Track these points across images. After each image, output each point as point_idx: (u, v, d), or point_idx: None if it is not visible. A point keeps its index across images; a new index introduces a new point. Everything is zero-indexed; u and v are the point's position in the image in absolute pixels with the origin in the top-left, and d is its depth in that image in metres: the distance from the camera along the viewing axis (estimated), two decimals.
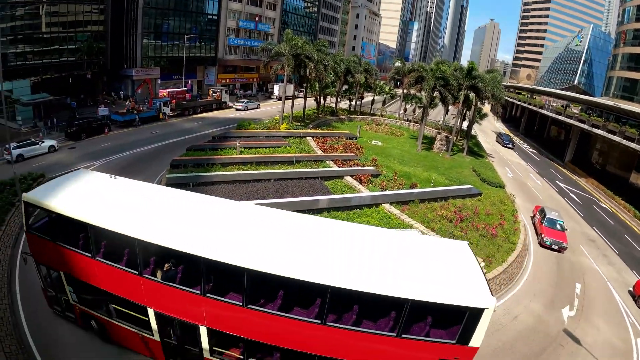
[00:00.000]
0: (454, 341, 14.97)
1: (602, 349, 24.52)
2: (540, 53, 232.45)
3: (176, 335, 17.28)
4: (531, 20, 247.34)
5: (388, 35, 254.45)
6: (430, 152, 61.63)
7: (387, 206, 34.47)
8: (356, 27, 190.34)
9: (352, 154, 50.10)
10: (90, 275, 17.71)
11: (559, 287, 31.02)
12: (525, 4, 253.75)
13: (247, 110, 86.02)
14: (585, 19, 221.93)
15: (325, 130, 64.14)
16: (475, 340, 14.84)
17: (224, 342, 16.81)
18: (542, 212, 41.57)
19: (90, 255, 17.14)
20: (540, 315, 26.82)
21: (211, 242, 15.72)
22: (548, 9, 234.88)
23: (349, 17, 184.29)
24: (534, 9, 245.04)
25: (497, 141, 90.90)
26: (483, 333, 14.76)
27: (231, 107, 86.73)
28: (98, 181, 20.50)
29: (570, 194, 57.80)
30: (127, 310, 17.71)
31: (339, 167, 44.34)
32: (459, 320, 14.79)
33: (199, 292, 15.63)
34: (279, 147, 50.17)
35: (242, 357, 16.53)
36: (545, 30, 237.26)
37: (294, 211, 25.33)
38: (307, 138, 56.32)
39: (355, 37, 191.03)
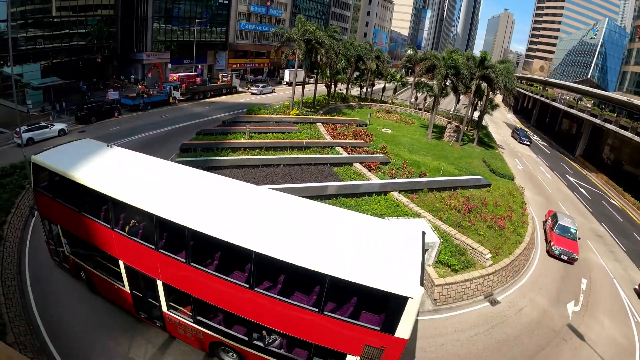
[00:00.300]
0: (378, 328, 14.57)
1: (605, 346, 24.46)
2: (554, 45, 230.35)
3: (141, 288, 18.61)
4: (546, 11, 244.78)
5: (400, 22, 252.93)
6: (441, 141, 61.38)
7: (395, 194, 34.38)
8: (368, 13, 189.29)
9: (362, 141, 49.93)
10: (78, 228, 19.72)
11: (564, 281, 30.93)
12: None
13: (263, 94, 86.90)
14: (601, 12, 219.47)
15: (336, 117, 63.93)
16: (402, 331, 14.20)
17: (178, 299, 17.92)
18: (554, 217, 38.30)
19: (77, 210, 19.03)
20: (545, 309, 26.78)
21: (164, 201, 16.96)
22: (564, 0, 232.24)
23: (361, 3, 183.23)
24: (549, 0, 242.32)
25: (512, 137, 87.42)
26: (410, 324, 14.05)
27: (241, 92, 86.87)
28: (96, 149, 22.07)
29: (580, 188, 57.46)
30: (105, 262, 19.44)
31: (349, 153, 44.22)
32: (383, 307, 14.55)
33: (153, 247, 16.87)
34: (289, 132, 50.14)
35: (191, 314, 17.49)
36: (560, 22, 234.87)
37: (303, 197, 25.66)
38: (317, 124, 56.17)
39: (367, 23, 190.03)
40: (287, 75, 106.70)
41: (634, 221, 48.43)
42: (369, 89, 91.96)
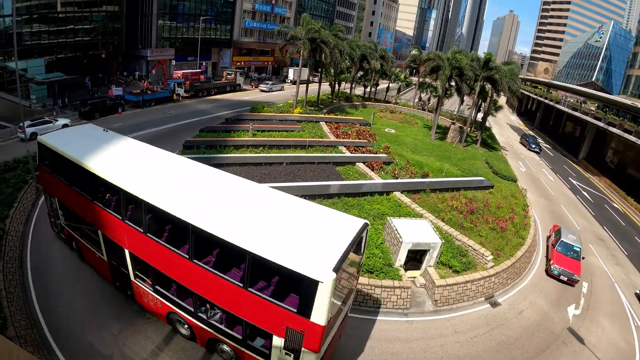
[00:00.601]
0: (295, 310, 14.68)
1: (605, 350, 24.43)
2: (559, 47, 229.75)
3: (115, 256, 20.44)
4: (551, 13, 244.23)
5: (405, 22, 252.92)
6: (444, 142, 61.34)
7: (398, 194, 34.40)
8: (373, 13, 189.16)
9: (365, 140, 49.95)
10: (69, 201, 22.30)
11: (565, 285, 30.85)
12: None
13: (272, 92, 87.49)
14: (606, 14, 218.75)
15: (339, 116, 63.97)
16: (316, 316, 14.20)
17: (142, 269, 19.42)
18: (558, 233, 35.31)
19: (68, 183, 21.43)
20: (546, 312, 26.75)
21: (128, 176, 18.95)
22: (569, 2, 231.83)
23: (367, 2, 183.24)
24: (554, 2, 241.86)
25: (521, 143, 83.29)
26: (324, 310, 13.99)
27: (245, 90, 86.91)
28: (94, 133, 24.56)
29: (583, 191, 57.35)
30: (90, 232, 21.69)
31: (352, 153, 44.26)
32: (300, 290, 14.64)
33: (121, 218, 18.73)
34: (292, 131, 50.19)
35: (151, 283, 19.10)
36: (565, 25, 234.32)
37: (305, 195, 27.96)
38: (321, 123, 56.24)
39: (372, 23, 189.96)
40: (291, 73, 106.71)
41: (636, 225, 48.33)
42: (373, 89, 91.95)
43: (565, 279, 30.71)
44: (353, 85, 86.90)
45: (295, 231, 15.94)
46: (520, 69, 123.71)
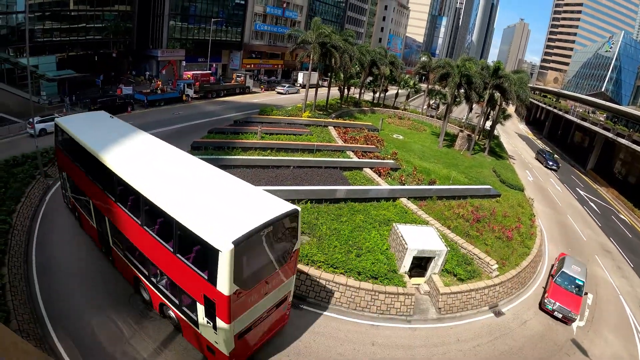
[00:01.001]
0: (207, 278, 15.34)
1: None
2: (569, 56, 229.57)
3: (100, 224, 23.08)
4: (562, 22, 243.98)
5: (416, 29, 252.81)
6: (452, 149, 61.26)
7: (404, 201, 34.38)
8: (384, 19, 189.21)
9: (373, 146, 49.91)
10: (72, 174, 25.52)
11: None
12: (557, 5, 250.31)
13: (289, 94, 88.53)
14: (617, 25, 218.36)
15: (348, 121, 63.95)
16: (221, 285, 14.70)
17: (118, 237, 21.48)
18: (562, 262, 31.87)
19: (72, 159, 24.66)
20: (550, 323, 26.68)
21: (108, 152, 21.22)
22: (580, 12, 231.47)
23: (377, 8, 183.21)
24: (565, 11, 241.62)
25: (537, 159, 79.10)
26: (226, 280, 14.51)
27: (255, 92, 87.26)
28: (100, 118, 28.07)
29: (590, 202, 57.19)
30: (86, 203, 24.41)
31: (359, 158, 44.27)
32: (208, 257, 15.12)
33: (102, 188, 21.33)
34: (300, 135, 50.25)
35: (122, 248, 21.47)
36: (575, 34, 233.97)
37: (312, 199, 30.60)
38: (329, 127, 56.26)
39: (382, 29, 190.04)
40: (300, 77, 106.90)
41: None
42: (381, 95, 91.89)
43: (560, 316, 26.93)
44: (362, 91, 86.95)
45: (220, 205, 17.08)
46: (530, 78, 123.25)
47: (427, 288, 25.84)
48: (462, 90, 61.48)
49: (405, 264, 25.01)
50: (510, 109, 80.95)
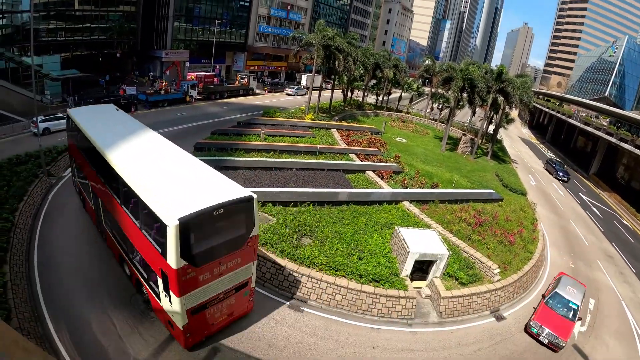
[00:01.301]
0: (160, 251, 16.47)
1: None
2: (572, 61, 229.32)
3: (96, 203, 24.82)
4: (566, 27, 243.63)
5: (419, 32, 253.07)
6: (454, 153, 61.25)
7: (406, 204, 34.41)
8: (388, 22, 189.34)
9: (376, 149, 49.96)
10: (77, 159, 27.82)
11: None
12: (561, 9, 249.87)
13: (297, 95, 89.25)
14: (620, 29, 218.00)
15: (351, 124, 64.04)
16: (170, 259, 15.71)
17: (106, 215, 23.27)
18: (557, 282, 29.21)
19: (76, 144, 27.09)
20: None
21: (98, 137, 23.26)
22: (584, 16, 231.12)
23: (381, 11, 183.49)
24: (569, 16, 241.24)
25: (546, 169, 73.91)
26: (173, 253, 15.53)
27: (258, 94, 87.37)
28: (106, 110, 30.72)
29: (592, 207, 57.07)
30: (86, 185, 26.23)
31: (362, 161, 44.29)
32: (160, 231, 16.41)
33: (96, 170, 23.31)
34: (303, 137, 50.31)
35: (110, 226, 23.26)
36: (579, 38, 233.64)
37: (315, 202, 31.03)
38: (332, 130, 56.36)
39: (386, 32, 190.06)
40: (304, 79, 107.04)
41: None
42: (385, 98, 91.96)
43: (545, 341, 24.29)
44: (365, 94, 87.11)
45: (180, 186, 18.42)
46: (533, 82, 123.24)
47: (429, 292, 25.82)
48: (465, 94, 61.47)
49: (407, 268, 25.02)
50: (514, 113, 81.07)
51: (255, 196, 18.14)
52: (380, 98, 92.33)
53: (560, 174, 68.72)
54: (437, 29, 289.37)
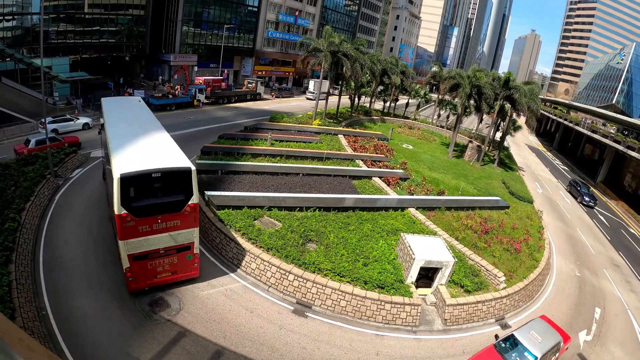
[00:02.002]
0: (112, 200, 19.86)
1: None
2: (580, 68, 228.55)
3: (103, 168, 30.33)
4: (573, 34, 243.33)
5: (427, 38, 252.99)
6: (461, 160, 61.14)
7: (412, 211, 34.40)
8: (395, 28, 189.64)
9: (383, 155, 49.97)
10: (102, 134, 30.73)
11: (578, 309, 30.55)
12: (569, 16, 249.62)
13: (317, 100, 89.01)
14: (628, 36, 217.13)
15: (357, 130, 64.06)
16: (115, 205, 18.98)
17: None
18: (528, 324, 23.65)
19: (101, 127, 30.38)
20: None
21: (111, 117, 28.05)
22: (591, 23, 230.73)
23: (389, 18, 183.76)
24: (576, 23, 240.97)
25: (569, 192, 65.98)
26: (116, 201, 18.75)
27: (265, 99, 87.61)
28: (130, 100, 35.50)
29: (599, 215, 56.79)
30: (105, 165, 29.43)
31: (368, 167, 44.32)
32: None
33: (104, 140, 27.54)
34: (310, 142, 50.35)
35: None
36: (587, 45, 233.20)
37: (321, 207, 31.26)
38: (339, 136, 56.42)
39: (393, 38, 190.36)
40: (311, 85, 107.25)
41: None
42: (392, 104, 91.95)
43: None
44: (373, 100, 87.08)
45: (139, 151, 21.90)
46: (541, 89, 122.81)
47: (434, 299, 25.78)
48: (472, 101, 61.38)
49: (412, 274, 24.98)
50: (521, 121, 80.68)
51: (193, 168, 20.71)
52: (388, 104, 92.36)
53: (586, 199, 60.08)
54: (444, 35, 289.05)
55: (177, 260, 21.66)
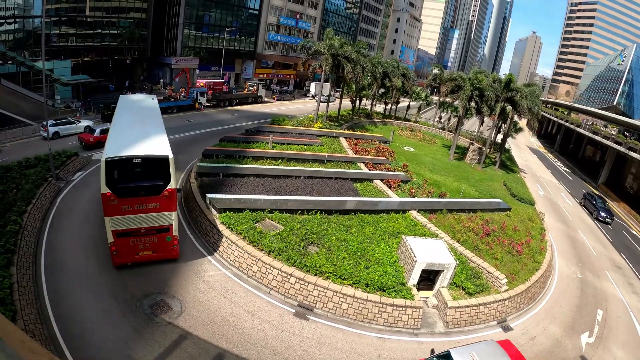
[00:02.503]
0: None
1: None
2: (581, 70, 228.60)
3: None
4: (574, 35, 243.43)
5: (428, 41, 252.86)
6: (462, 162, 61.15)
7: (414, 213, 34.37)
8: (396, 31, 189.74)
9: (384, 158, 49.92)
10: None
11: (580, 311, 30.49)
12: (569, 18, 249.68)
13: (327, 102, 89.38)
14: (629, 37, 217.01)
15: (359, 132, 64.09)
16: (101, 184, 21.43)
17: None
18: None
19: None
20: (558, 339, 26.38)
21: (120, 110, 31.80)
22: (592, 25, 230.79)
23: (390, 20, 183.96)
24: (577, 24, 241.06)
25: (583, 206, 60.80)
26: (102, 181, 21.27)
27: (267, 102, 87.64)
28: (143, 98, 38.09)
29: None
30: None
31: (370, 170, 44.27)
32: None
33: None
34: (312, 145, 50.30)
35: None
36: (587, 47, 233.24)
37: (322, 210, 31.35)
38: (340, 138, 56.43)
39: (394, 40, 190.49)
40: (312, 88, 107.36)
41: None
42: (393, 106, 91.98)
43: None
44: (374, 102, 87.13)
45: (128, 139, 24.51)
46: (542, 91, 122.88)
47: (435, 301, 25.75)
48: (473, 103, 61.38)
49: (414, 277, 24.95)
50: (522, 123, 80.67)
51: (171, 156, 22.72)
52: (389, 107, 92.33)
53: (603, 215, 54.70)
54: (445, 38, 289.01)
55: (157, 240, 23.81)
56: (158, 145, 23.96)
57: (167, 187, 22.66)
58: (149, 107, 34.08)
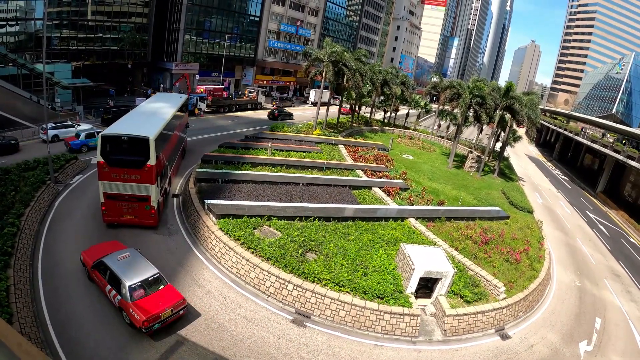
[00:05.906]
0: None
1: None
2: (579, 78, 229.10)
3: None
4: (573, 44, 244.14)
5: (427, 49, 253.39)
6: (461, 170, 61.21)
7: (412, 221, 34.36)
8: (396, 39, 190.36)
9: (383, 165, 49.98)
10: None
11: (578, 320, 30.44)
12: (568, 27, 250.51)
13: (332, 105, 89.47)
14: (628, 46, 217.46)
15: (358, 140, 64.18)
16: (97, 153, 26.34)
17: None
18: None
19: None
20: (557, 347, 26.27)
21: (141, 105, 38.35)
22: (591, 33, 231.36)
23: (390, 28, 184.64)
24: (576, 33, 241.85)
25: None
26: (99, 151, 26.13)
27: (266, 108, 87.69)
28: (168, 95, 46.61)
29: (599, 225, 56.75)
30: None
31: (369, 177, 44.30)
32: None
33: None
34: (311, 152, 50.34)
35: None
36: (586, 56, 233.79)
37: (320, 217, 31.39)
38: (339, 146, 56.47)
39: (394, 48, 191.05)
40: (312, 95, 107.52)
41: None
42: (392, 114, 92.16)
43: None
44: (373, 110, 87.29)
45: (128, 125, 30.00)
46: (540, 100, 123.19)
47: (433, 309, 25.70)
48: (472, 112, 61.49)
49: (412, 285, 24.93)
50: (521, 131, 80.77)
51: (151, 138, 27.11)
52: (388, 114, 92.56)
53: None
54: (444, 46, 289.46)
55: (138, 207, 28.37)
56: (145, 128, 28.56)
57: (147, 163, 27.21)
58: (169, 103, 39.47)
